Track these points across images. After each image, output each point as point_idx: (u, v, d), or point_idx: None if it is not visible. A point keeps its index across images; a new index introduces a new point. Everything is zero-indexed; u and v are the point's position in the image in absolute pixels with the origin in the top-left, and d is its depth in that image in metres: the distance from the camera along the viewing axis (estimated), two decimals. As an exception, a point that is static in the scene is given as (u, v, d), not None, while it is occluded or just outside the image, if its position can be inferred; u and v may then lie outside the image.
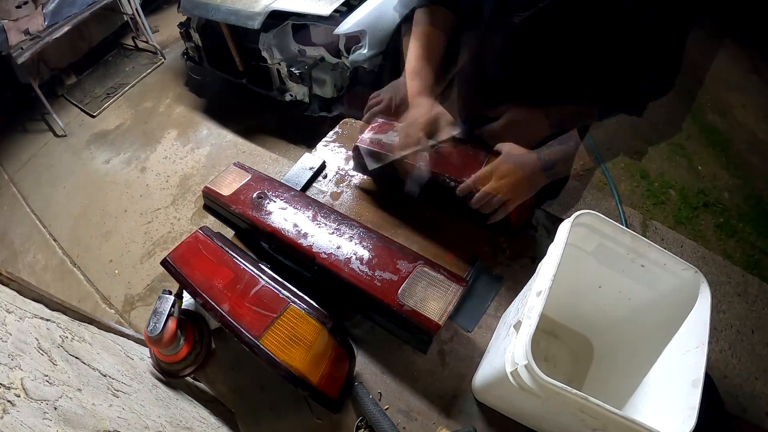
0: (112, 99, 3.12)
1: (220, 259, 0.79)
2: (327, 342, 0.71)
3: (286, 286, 0.75)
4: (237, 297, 0.73)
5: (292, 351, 0.67)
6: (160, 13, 3.84)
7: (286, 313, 0.71)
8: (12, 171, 2.81)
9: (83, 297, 2.17)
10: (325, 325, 0.71)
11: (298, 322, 0.70)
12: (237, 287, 0.74)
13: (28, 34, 2.52)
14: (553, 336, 0.85)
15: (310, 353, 0.68)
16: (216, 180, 0.96)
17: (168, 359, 0.82)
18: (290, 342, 0.68)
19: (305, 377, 0.67)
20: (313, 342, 0.69)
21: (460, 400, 0.78)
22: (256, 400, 0.80)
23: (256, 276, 0.76)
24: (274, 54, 2.26)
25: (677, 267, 0.62)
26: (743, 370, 1.76)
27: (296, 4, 2.11)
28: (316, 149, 1.16)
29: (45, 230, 2.48)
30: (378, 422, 0.72)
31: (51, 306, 0.83)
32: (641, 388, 0.63)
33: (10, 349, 0.58)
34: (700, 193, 2.36)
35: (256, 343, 0.67)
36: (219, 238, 0.84)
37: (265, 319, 0.70)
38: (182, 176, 2.61)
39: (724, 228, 2.23)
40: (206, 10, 2.31)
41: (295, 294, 0.74)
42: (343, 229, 0.84)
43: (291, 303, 0.72)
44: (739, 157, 2.54)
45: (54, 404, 0.54)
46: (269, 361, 0.66)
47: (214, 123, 2.88)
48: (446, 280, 0.76)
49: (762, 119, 2.74)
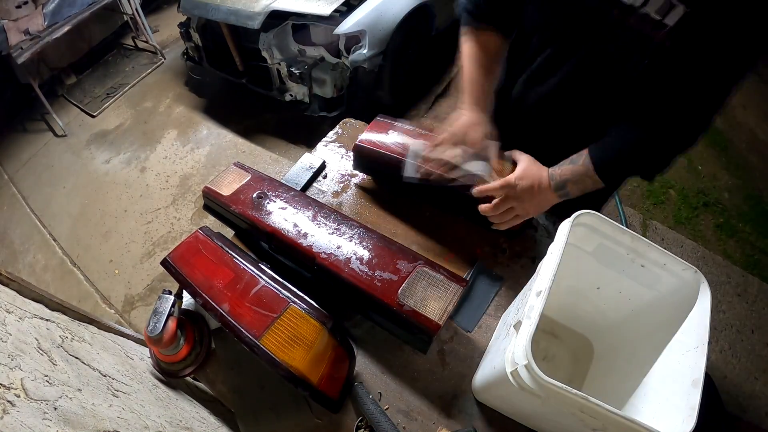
0: (112, 99, 3.12)
1: (220, 259, 0.79)
2: (327, 342, 0.71)
3: (286, 286, 0.75)
4: (237, 297, 0.73)
5: (292, 351, 0.67)
6: (160, 13, 3.83)
7: (286, 313, 0.71)
8: (12, 171, 2.81)
9: (83, 297, 2.17)
10: (325, 325, 0.71)
11: (298, 322, 0.70)
12: (237, 287, 0.74)
13: (28, 34, 2.52)
14: (553, 336, 0.85)
15: (310, 353, 0.68)
16: (216, 180, 0.96)
17: (168, 359, 0.82)
18: (290, 342, 0.68)
19: (305, 377, 0.67)
20: (313, 342, 0.69)
21: (460, 400, 0.78)
22: (256, 400, 0.80)
23: (256, 276, 0.76)
24: (274, 54, 2.25)
25: (677, 267, 0.62)
26: (743, 370, 1.76)
27: (296, 4, 2.10)
28: (316, 149, 1.16)
29: (45, 230, 2.48)
30: (378, 422, 0.72)
31: (51, 306, 0.83)
32: (641, 388, 0.63)
33: (10, 349, 0.58)
34: (700, 193, 2.36)
35: (256, 343, 0.67)
36: (219, 238, 0.84)
37: (265, 319, 0.70)
38: (182, 176, 2.61)
39: (724, 228, 2.23)
40: (206, 10, 2.31)
41: (295, 294, 0.74)
42: (343, 229, 0.84)
43: (291, 303, 0.72)
44: (739, 157, 2.54)
45: (54, 404, 0.54)
46: (269, 361, 0.66)
47: (214, 123, 2.88)
48: (446, 280, 0.76)
49: (762, 119, 2.73)
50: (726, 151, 2.56)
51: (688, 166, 2.49)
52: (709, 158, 2.53)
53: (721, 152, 2.56)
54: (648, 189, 2.38)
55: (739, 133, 2.66)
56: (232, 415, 0.82)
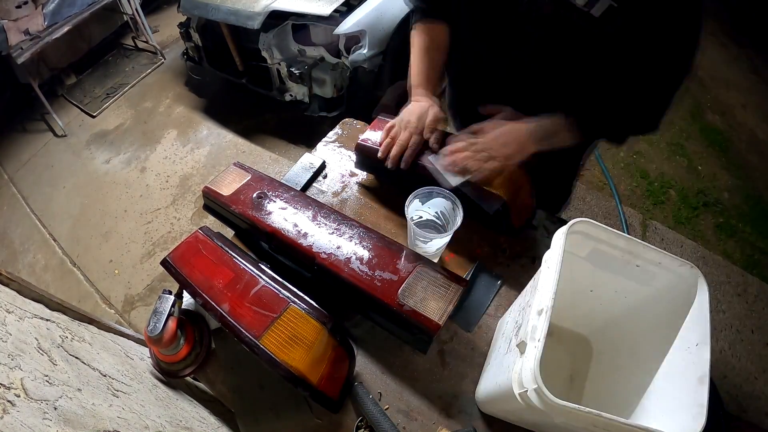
0: (112, 99, 3.12)
1: (220, 259, 0.79)
2: (327, 342, 0.71)
3: (286, 286, 0.75)
4: (237, 297, 0.73)
5: (292, 351, 0.67)
6: (160, 13, 3.84)
7: (286, 313, 0.71)
8: (12, 171, 2.82)
9: (83, 297, 2.17)
10: (326, 325, 0.71)
11: (298, 322, 0.70)
12: (237, 287, 0.74)
13: (28, 34, 2.52)
14: (550, 335, 0.85)
15: (310, 353, 0.68)
16: (216, 180, 0.96)
17: (168, 359, 0.82)
18: (290, 342, 0.68)
19: (305, 377, 0.67)
20: (313, 342, 0.69)
21: (460, 400, 0.78)
22: (256, 400, 0.80)
23: (256, 276, 0.76)
24: (274, 54, 2.26)
25: (673, 264, 0.62)
26: (743, 370, 1.76)
27: (296, 4, 2.10)
28: (316, 149, 1.16)
29: (45, 230, 2.48)
30: (378, 422, 0.72)
31: (51, 306, 0.83)
32: (647, 387, 0.62)
33: (10, 349, 0.58)
34: (700, 193, 2.36)
35: (256, 343, 0.67)
36: (219, 238, 0.84)
37: (265, 319, 0.70)
38: (182, 176, 2.61)
39: (723, 228, 2.23)
40: (206, 10, 2.31)
41: (295, 294, 0.74)
42: (343, 229, 0.84)
43: (291, 303, 0.72)
44: (739, 157, 2.54)
45: (54, 404, 0.54)
46: (269, 361, 0.66)
47: (214, 123, 2.88)
48: (446, 280, 0.76)
49: (762, 119, 2.73)
50: (726, 151, 2.56)
51: (688, 166, 2.49)
52: (709, 158, 2.53)
53: (721, 152, 2.56)
54: (648, 189, 2.38)
55: (739, 133, 2.65)
56: (232, 415, 0.82)
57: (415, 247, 0.86)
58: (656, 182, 2.41)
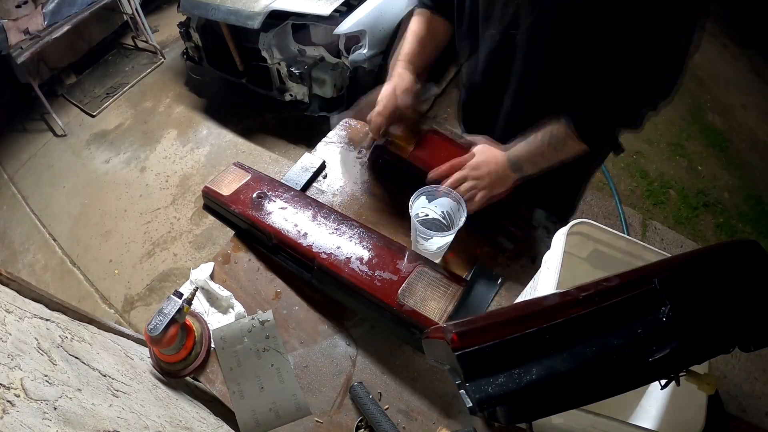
0: (112, 99, 3.12)
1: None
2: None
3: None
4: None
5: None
6: (160, 12, 3.83)
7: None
8: (12, 171, 2.81)
9: (83, 297, 2.16)
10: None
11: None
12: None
13: (28, 33, 2.52)
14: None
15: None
16: (216, 180, 0.96)
17: (168, 359, 0.82)
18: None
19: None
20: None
21: (460, 400, 0.78)
22: (256, 400, 0.80)
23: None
24: (274, 54, 2.25)
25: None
26: (743, 370, 1.76)
27: (296, 4, 2.10)
28: (316, 149, 1.15)
29: (45, 230, 2.47)
30: (378, 422, 0.72)
31: (51, 306, 0.83)
32: (647, 387, 0.62)
33: (10, 349, 0.58)
34: (700, 193, 2.36)
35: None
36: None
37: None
38: (182, 176, 2.61)
39: (724, 228, 2.23)
40: (206, 9, 2.31)
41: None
42: (343, 229, 0.84)
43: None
44: (739, 157, 2.53)
45: (54, 404, 0.54)
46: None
47: (214, 123, 2.88)
48: (446, 280, 0.76)
49: (762, 119, 2.73)
50: (726, 151, 2.56)
51: (688, 166, 2.49)
52: (709, 158, 2.53)
53: (721, 152, 2.55)
54: (648, 189, 2.38)
55: (739, 133, 2.65)
56: (232, 415, 0.82)
57: (417, 245, 0.86)
58: (656, 182, 2.41)
